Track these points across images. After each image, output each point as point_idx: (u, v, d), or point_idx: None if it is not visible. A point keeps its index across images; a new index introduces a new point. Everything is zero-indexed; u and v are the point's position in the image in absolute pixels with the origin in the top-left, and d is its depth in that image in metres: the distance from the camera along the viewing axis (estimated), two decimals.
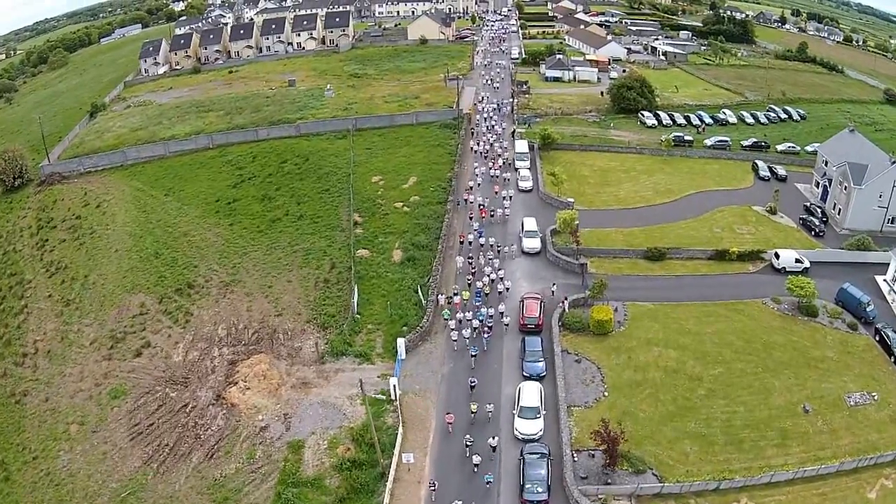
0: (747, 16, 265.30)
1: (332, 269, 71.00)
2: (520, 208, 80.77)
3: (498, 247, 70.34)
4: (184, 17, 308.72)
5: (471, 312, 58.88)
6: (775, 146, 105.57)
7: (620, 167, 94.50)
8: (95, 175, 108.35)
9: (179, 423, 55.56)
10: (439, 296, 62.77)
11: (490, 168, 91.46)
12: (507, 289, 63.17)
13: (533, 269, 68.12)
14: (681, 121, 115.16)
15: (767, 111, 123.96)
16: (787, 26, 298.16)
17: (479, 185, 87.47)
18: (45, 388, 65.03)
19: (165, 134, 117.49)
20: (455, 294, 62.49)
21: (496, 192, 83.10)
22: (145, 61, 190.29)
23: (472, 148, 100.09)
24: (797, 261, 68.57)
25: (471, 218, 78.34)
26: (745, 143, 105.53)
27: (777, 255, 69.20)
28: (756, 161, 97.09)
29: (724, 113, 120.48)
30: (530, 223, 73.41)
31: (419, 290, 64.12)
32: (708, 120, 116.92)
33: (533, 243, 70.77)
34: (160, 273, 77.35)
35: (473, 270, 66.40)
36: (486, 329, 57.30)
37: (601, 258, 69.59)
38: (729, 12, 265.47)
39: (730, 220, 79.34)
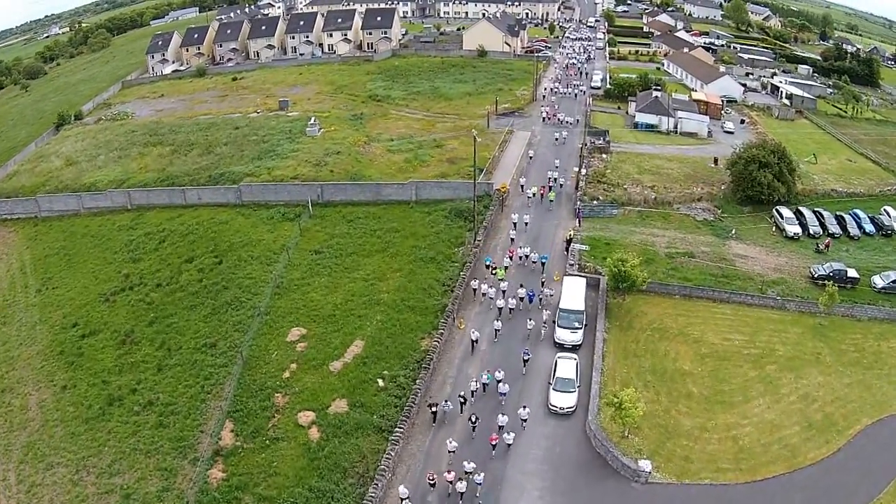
0: (858, 49, 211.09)
1: None
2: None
3: None
4: (236, 3, 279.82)
5: None
6: None
7: (749, 346, 51.84)
8: (5, 226, 80.00)
9: None
10: None
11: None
12: None
13: None
14: (833, 226, 72.24)
15: None
16: None
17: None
18: None
19: (90, 178, 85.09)
20: None
21: None
22: (152, 57, 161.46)
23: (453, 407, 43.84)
24: None
25: None
26: None
27: None
28: None
29: (887, 213, 75.46)
30: None
31: None
32: (868, 226, 73.84)
33: None
34: None
35: None
36: None
37: None
38: (843, 45, 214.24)
39: None
